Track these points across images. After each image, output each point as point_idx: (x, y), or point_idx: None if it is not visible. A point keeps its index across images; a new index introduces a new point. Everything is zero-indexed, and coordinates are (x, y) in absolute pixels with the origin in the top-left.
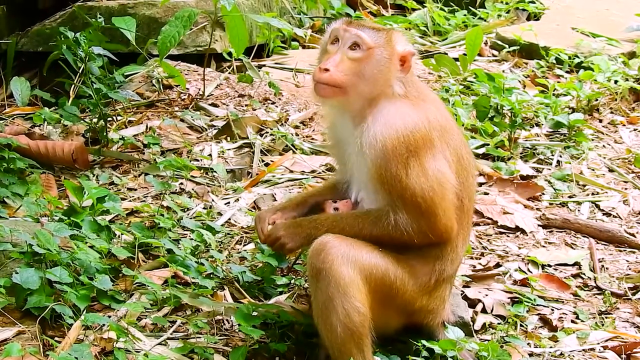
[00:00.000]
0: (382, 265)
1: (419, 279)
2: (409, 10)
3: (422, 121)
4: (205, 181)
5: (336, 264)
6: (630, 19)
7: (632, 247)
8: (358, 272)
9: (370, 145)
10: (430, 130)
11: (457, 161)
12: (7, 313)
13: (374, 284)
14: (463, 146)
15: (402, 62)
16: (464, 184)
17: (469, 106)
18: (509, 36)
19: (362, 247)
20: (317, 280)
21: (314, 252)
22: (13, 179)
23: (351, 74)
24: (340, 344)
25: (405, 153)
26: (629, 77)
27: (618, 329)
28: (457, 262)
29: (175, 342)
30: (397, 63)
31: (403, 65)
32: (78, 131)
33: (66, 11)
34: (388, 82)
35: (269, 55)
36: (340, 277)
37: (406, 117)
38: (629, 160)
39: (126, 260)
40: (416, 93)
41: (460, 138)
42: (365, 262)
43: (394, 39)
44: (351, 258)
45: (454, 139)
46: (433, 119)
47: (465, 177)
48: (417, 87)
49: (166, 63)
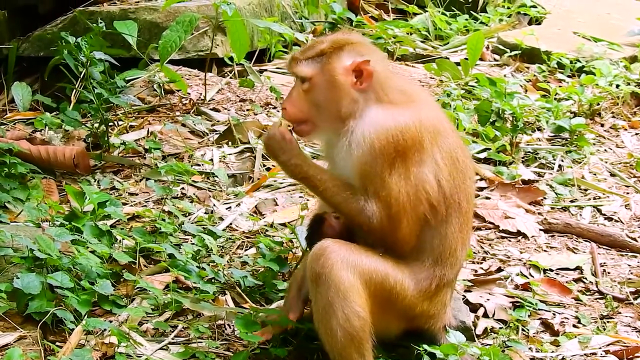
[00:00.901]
0: (382, 269)
1: (420, 284)
2: (410, 14)
3: (414, 122)
4: (206, 186)
5: (336, 269)
6: (631, 22)
7: (633, 251)
8: (358, 276)
9: (358, 144)
10: (422, 132)
11: (452, 164)
12: (8, 318)
13: (373, 288)
14: (459, 148)
15: (358, 73)
16: (460, 186)
17: (470, 110)
18: (510, 40)
19: (361, 251)
20: (317, 284)
21: (314, 257)
22: (14, 184)
23: (307, 106)
24: (341, 348)
25: (392, 153)
26: (630, 82)
27: (620, 334)
28: (458, 267)
29: (177, 347)
30: (350, 78)
31: (361, 76)
32: (79, 136)
33: (67, 16)
34: (349, 98)
35: (271, 60)
36: (340, 282)
37: (397, 117)
38: (630, 165)
39: (127, 265)
40: (404, 97)
41: (456, 140)
42: (365, 267)
43: (335, 58)
44: (351, 262)
45: (447, 142)
46: (425, 120)
47: (461, 179)
48: (404, 90)
49: (167, 68)
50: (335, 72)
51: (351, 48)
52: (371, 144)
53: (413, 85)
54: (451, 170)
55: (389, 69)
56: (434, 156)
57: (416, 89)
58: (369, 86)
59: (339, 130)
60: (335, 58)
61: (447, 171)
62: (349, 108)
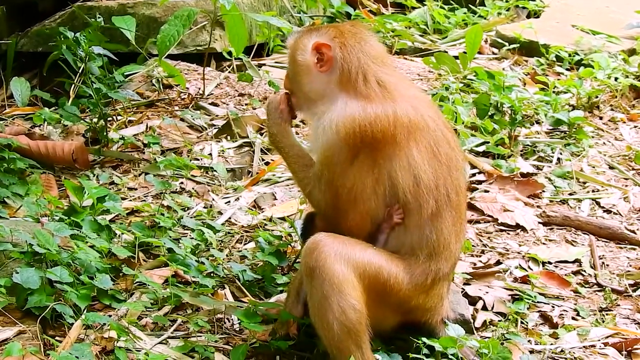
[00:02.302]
0: (376, 262)
1: (415, 277)
2: (408, 8)
3: (386, 115)
4: (205, 180)
5: (329, 262)
6: (629, 16)
7: (632, 243)
8: (352, 269)
9: (324, 130)
10: (395, 126)
11: (433, 157)
12: (8, 313)
13: (367, 281)
14: (442, 142)
15: (320, 55)
16: (445, 179)
17: (469, 104)
18: (508, 34)
19: (355, 244)
20: (312, 278)
21: (307, 251)
22: (13, 179)
23: (288, 79)
24: (338, 342)
25: (358, 144)
26: (629, 74)
27: (619, 326)
28: (453, 260)
29: (176, 340)
30: (312, 58)
31: (323, 59)
32: (78, 131)
33: (66, 11)
34: (313, 79)
35: (269, 54)
36: (334, 275)
37: (367, 108)
38: (629, 158)
39: (126, 259)
40: (382, 91)
41: (440, 135)
42: (359, 260)
43: (304, 36)
44: (344, 255)
45: (427, 136)
46: (401, 115)
47: (446, 172)
48: (385, 84)
49: (166, 62)
50: (295, 48)
51: (326, 31)
52: (337, 132)
53: (401, 81)
54: (432, 164)
55: (375, 61)
56: (409, 151)
57: (403, 84)
58: (340, 73)
59: (313, 112)
60: (305, 36)
61: (427, 165)
62: (316, 90)
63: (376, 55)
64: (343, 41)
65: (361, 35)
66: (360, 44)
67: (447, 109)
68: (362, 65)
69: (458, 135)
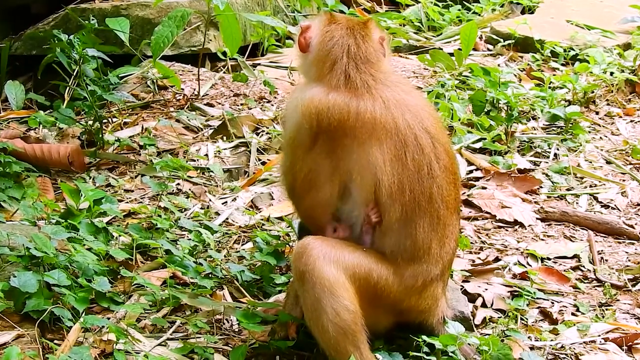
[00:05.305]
0: (365, 264)
1: (405, 280)
2: (402, 6)
3: (347, 106)
4: (202, 181)
5: (319, 265)
6: (624, 10)
7: (631, 238)
8: (342, 271)
9: (294, 110)
10: (355, 120)
11: (399, 164)
12: (6, 317)
13: (358, 283)
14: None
15: (304, 37)
16: (414, 187)
17: (465, 101)
18: (503, 30)
19: (344, 247)
20: (303, 282)
21: (297, 256)
22: (9, 183)
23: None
24: (335, 344)
25: (315, 128)
26: (624, 69)
27: (619, 321)
28: (442, 263)
29: (175, 342)
30: (303, 40)
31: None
32: (73, 134)
33: (59, 14)
34: (299, 58)
35: (264, 54)
36: (325, 278)
37: (328, 95)
38: (626, 152)
39: (124, 261)
40: (351, 86)
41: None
42: (348, 262)
43: (312, 19)
44: (333, 258)
45: (394, 140)
46: (364, 110)
47: (415, 179)
48: (354, 81)
49: (160, 64)
50: (299, 28)
51: (325, 19)
52: (301, 112)
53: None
54: (396, 167)
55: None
56: (370, 149)
57: (386, 84)
58: (315, 58)
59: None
60: (309, 20)
61: (389, 167)
62: (299, 69)
63: (361, 54)
64: (329, 29)
65: (355, 32)
66: (346, 38)
67: (443, 106)
68: (336, 57)
69: (454, 133)
